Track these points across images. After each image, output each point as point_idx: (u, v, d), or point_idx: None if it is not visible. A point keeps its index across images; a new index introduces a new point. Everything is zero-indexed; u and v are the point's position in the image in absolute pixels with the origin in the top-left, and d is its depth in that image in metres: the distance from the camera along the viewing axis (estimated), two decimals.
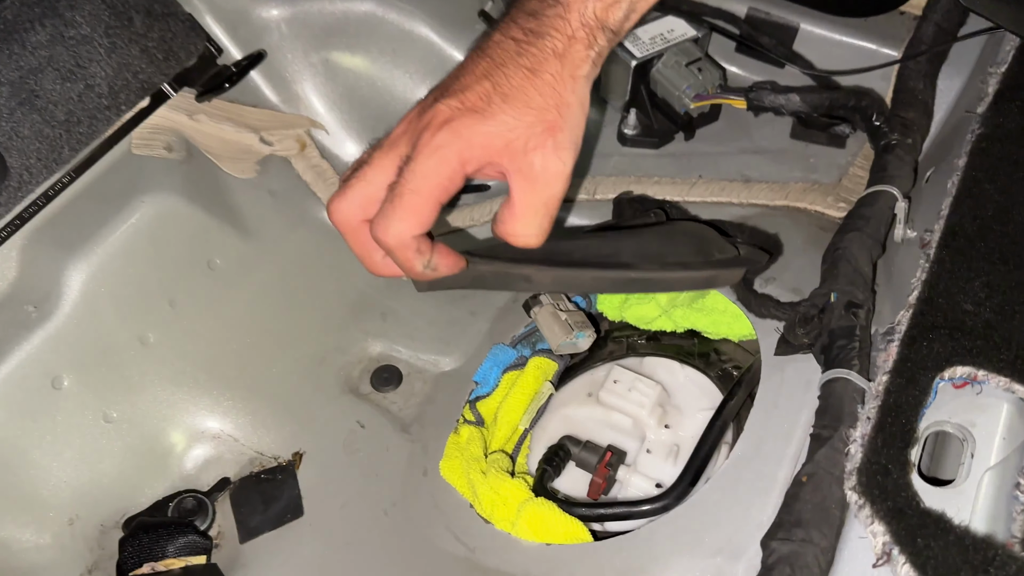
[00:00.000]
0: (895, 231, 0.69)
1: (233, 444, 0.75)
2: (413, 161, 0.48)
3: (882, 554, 0.50)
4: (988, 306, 0.57)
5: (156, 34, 0.75)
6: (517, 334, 0.80)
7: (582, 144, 0.50)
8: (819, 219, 0.78)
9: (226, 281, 0.77)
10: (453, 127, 0.47)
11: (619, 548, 0.59)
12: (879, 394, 0.55)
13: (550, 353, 0.78)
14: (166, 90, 0.77)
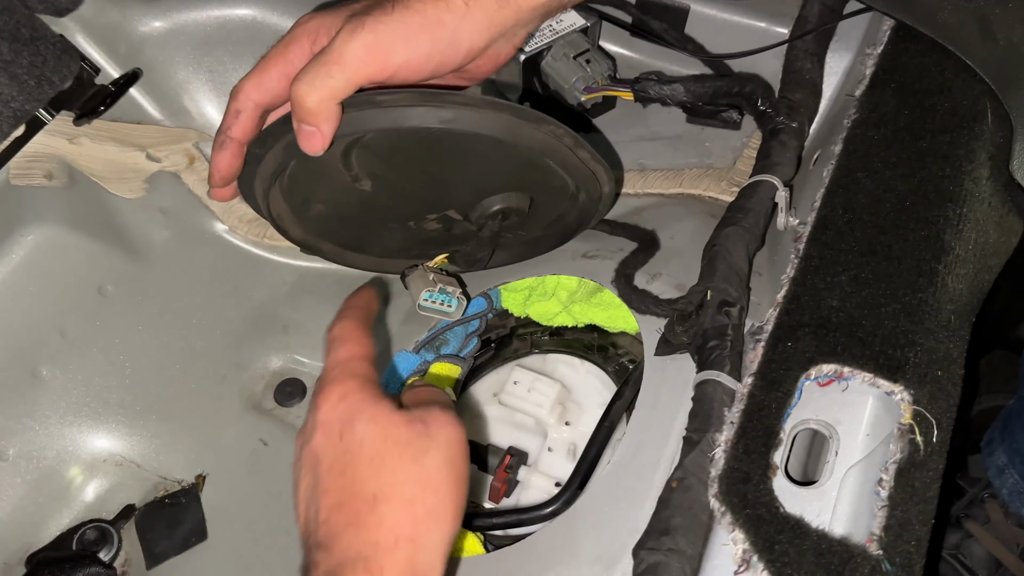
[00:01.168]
0: (777, 219, 0.69)
1: (136, 470, 0.75)
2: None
3: (742, 562, 0.50)
4: (854, 300, 0.58)
5: (25, 60, 0.72)
6: (420, 339, 0.80)
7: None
8: (712, 205, 0.78)
9: (119, 306, 0.76)
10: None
11: (505, 560, 0.60)
12: (743, 397, 0.56)
13: (454, 357, 0.78)
14: (42, 116, 0.75)
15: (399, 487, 0.48)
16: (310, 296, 0.83)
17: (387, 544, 0.46)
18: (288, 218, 0.70)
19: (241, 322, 0.80)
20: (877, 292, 0.58)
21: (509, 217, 0.71)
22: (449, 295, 0.73)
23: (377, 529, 0.47)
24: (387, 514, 0.47)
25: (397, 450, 0.49)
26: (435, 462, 0.50)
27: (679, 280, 0.69)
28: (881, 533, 0.50)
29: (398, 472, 0.48)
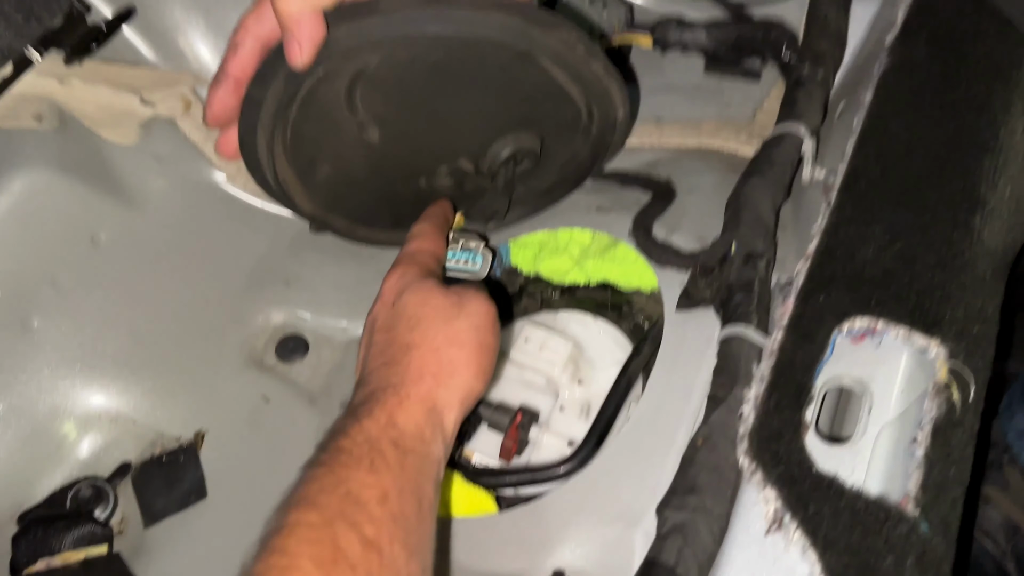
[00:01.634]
0: (803, 172, 0.67)
1: (132, 427, 0.72)
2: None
3: (774, 521, 0.48)
4: (888, 253, 0.55)
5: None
6: None
7: None
8: (732, 159, 0.75)
9: (113, 256, 0.73)
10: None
11: (520, 518, 0.58)
12: (773, 352, 0.53)
13: None
14: (30, 54, 0.71)
15: (429, 339, 0.55)
16: (312, 250, 0.80)
17: (414, 376, 0.54)
18: (295, 185, 0.66)
19: (241, 275, 0.77)
20: (912, 244, 0.55)
21: (522, 162, 0.68)
22: (472, 251, 0.69)
23: (407, 367, 0.54)
24: (416, 357, 0.55)
25: (432, 313, 0.57)
26: (463, 325, 0.56)
27: (700, 233, 0.66)
28: (918, 493, 0.48)
29: (430, 329, 0.56)
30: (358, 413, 0.52)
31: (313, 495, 0.46)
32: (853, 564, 0.46)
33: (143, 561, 0.67)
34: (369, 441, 0.49)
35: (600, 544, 0.54)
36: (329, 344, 0.77)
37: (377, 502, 0.46)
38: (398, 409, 0.52)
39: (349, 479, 0.47)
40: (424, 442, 0.51)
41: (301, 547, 0.43)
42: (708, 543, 0.49)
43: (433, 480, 0.51)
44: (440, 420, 0.53)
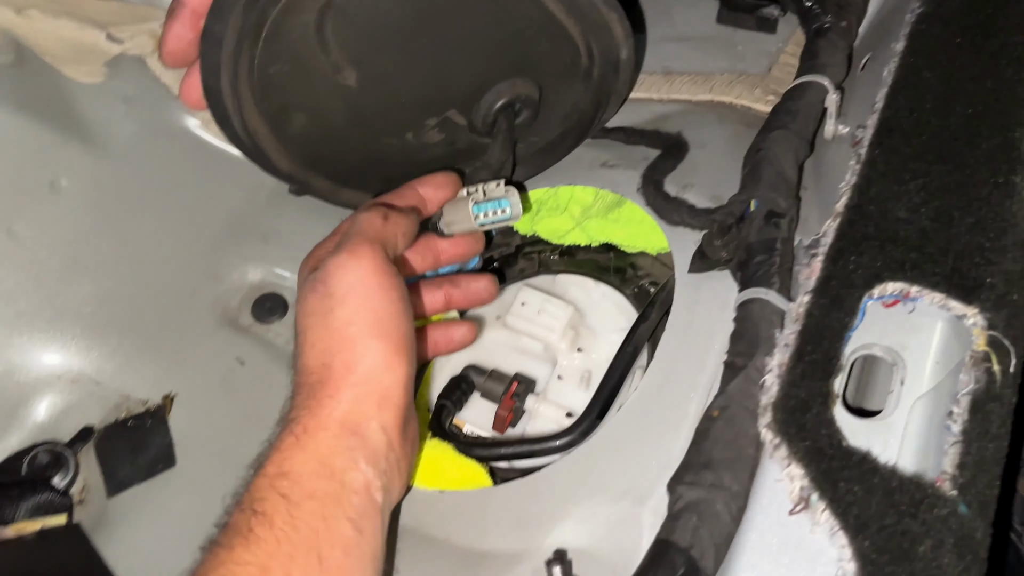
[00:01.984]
0: (825, 127, 0.62)
1: (95, 388, 0.67)
2: None
3: (799, 500, 0.44)
4: (924, 212, 0.51)
5: None
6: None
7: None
8: (746, 115, 0.70)
9: (75, 204, 0.67)
10: None
11: (517, 492, 0.54)
12: (799, 317, 0.49)
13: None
14: None
15: (310, 343, 0.49)
16: (293, 205, 0.74)
17: (312, 397, 0.48)
18: (268, 138, 0.60)
19: (214, 229, 0.72)
20: (949, 204, 0.51)
21: (519, 113, 0.63)
22: (498, 199, 0.60)
23: (300, 386, 0.49)
24: (306, 370, 0.49)
25: (308, 307, 0.50)
26: (341, 312, 0.49)
27: (714, 191, 0.61)
28: (956, 472, 0.44)
29: (310, 330, 0.49)
30: (257, 463, 0.47)
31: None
32: (887, 548, 0.41)
33: (106, 533, 0.62)
34: (252, 503, 0.44)
35: (604, 522, 0.50)
36: None
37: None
38: (293, 451, 0.46)
39: (221, 565, 0.41)
40: (332, 477, 0.45)
41: None
42: (726, 523, 0.45)
43: (352, 517, 0.45)
44: (359, 438, 0.47)
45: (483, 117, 0.63)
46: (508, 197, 0.60)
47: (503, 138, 0.63)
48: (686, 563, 0.44)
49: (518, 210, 0.60)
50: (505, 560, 0.50)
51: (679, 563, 0.44)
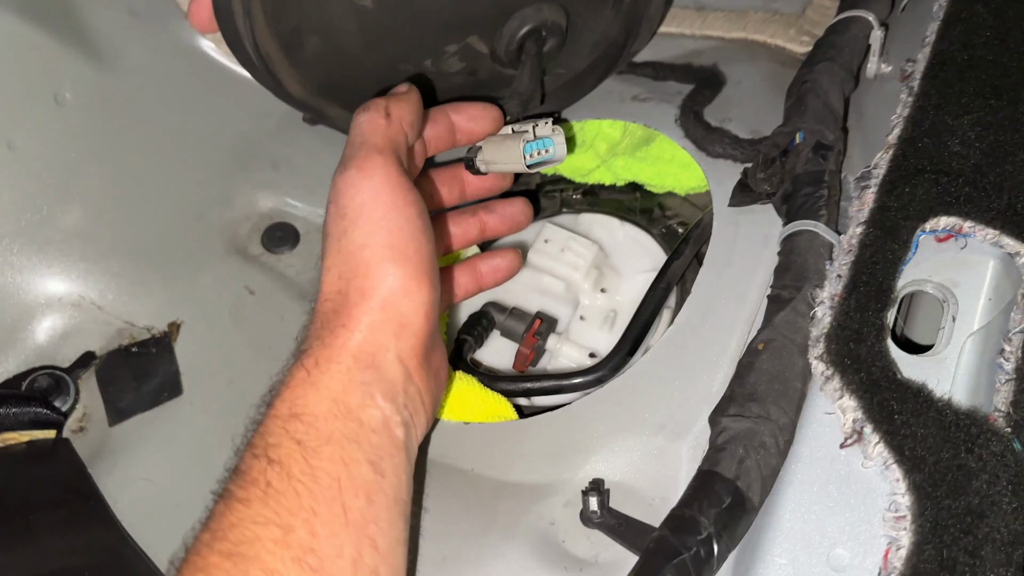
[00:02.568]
0: (867, 66, 0.60)
1: (97, 313, 0.64)
2: None
3: (852, 432, 0.43)
4: (978, 147, 0.49)
5: None
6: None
7: None
8: (780, 54, 0.68)
9: (79, 118, 0.63)
10: None
11: (547, 425, 0.52)
12: (852, 248, 0.47)
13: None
14: None
15: (332, 255, 0.45)
16: (304, 132, 0.71)
17: (327, 321, 0.44)
18: (281, 62, 0.57)
19: (223, 153, 0.68)
20: (1004, 140, 0.49)
21: (546, 41, 0.60)
22: (544, 138, 0.56)
23: (319, 307, 0.45)
24: (326, 289, 0.45)
25: (328, 244, 0.46)
26: (356, 242, 0.45)
27: (753, 127, 0.59)
28: (1009, 409, 0.43)
29: (331, 269, 0.45)
30: (268, 399, 0.43)
31: (194, 555, 0.38)
32: (943, 483, 0.40)
33: (107, 463, 0.59)
34: (266, 450, 0.40)
35: (640, 455, 0.48)
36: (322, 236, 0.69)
37: (275, 546, 0.37)
38: (305, 388, 0.42)
39: (239, 522, 0.38)
40: (348, 417, 0.42)
41: None
42: (773, 455, 0.43)
43: (372, 458, 0.42)
44: (375, 371, 0.43)
45: (506, 45, 0.60)
46: (554, 137, 0.56)
47: (532, 64, 0.60)
48: (732, 494, 0.42)
49: (563, 152, 0.57)
50: (535, 491, 0.49)
51: (725, 494, 0.42)
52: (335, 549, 0.39)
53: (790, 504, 0.42)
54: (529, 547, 0.46)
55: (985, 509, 0.40)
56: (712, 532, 0.41)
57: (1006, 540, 0.39)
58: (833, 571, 0.40)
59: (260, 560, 0.37)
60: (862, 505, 0.41)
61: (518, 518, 0.47)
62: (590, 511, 0.45)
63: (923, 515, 0.39)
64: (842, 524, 0.41)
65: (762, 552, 0.41)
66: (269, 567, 0.37)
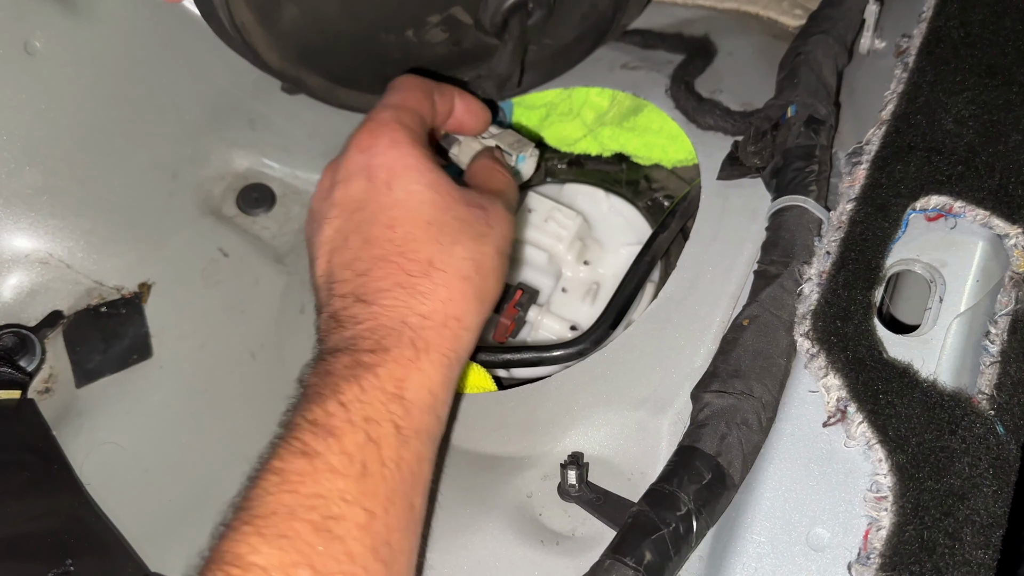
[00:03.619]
0: (861, 40, 0.59)
1: (65, 271, 0.62)
2: None
3: (835, 411, 0.42)
4: (972, 126, 0.48)
5: None
6: None
7: None
8: (772, 27, 0.66)
9: (49, 69, 0.61)
10: None
11: (526, 397, 0.51)
12: (842, 225, 0.46)
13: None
14: None
15: (458, 261, 0.44)
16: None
17: (437, 320, 0.42)
18: (257, 31, 0.55)
19: (198, 109, 0.66)
20: (997, 119, 0.49)
21: (533, 12, 0.58)
22: (521, 155, 0.58)
23: (429, 298, 0.42)
24: (442, 285, 0.43)
25: (457, 225, 0.45)
26: (491, 249, 0.46)
27: (743, 99, 0.58)
28: (993, 392, 0.42)
29: (457, 246, 0.44)
30: (355, 369, 0.40)
31: (277, 517, 0.36)
32: (925, 464, 0.40)
33: (73, 425, 0.58)
34: (366, 425, 0.38)
35: (620, 430, 0.48)
36: (299, 199, 0.68)
37: (359, 531, 0.36)
38: (411, 369, 0.40)
39: (329, 493, 0.36)
40: (434, 412, 0.41)
41: None
42: (755, 432, 0.43)
43: (432, 457, 0.41)
44: (460, 370, 0.44)
45: (491, 16, 0.58)
46: (528, 160, 0.58)
47: (514, 45, 0.58)
48: (713, 470, 0.41)
49: (529, 172, 0.59)
50: (513, 464, 0.48)
51: (706, 470, 0.41)
52: (402, 544, 0.38)
53: (771, 482, 0.42)
54: (506, 520, 0.45)
55: (966, 491, 0.39)
56: (692, 508, 0.40)
57: (986, 522, 0.39)
58: (812, 550, 0.40)
59: (344, 542, 0.36)
60: (843, 485, 0.41)
61: (495, 491, 0.47)
62: (568, 485, 0.44)
63: (905, 496, 0.39)
64: (823, 503, 0.41)
65: (741, 530, 0.41)
66: (351, 551, 0.36)
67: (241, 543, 0.35)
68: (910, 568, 0.37)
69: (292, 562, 0.34)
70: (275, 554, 0.34)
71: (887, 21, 0.60)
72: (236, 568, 0.34)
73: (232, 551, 0.35)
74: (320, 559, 0.35)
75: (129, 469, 0.56)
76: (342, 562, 0.35)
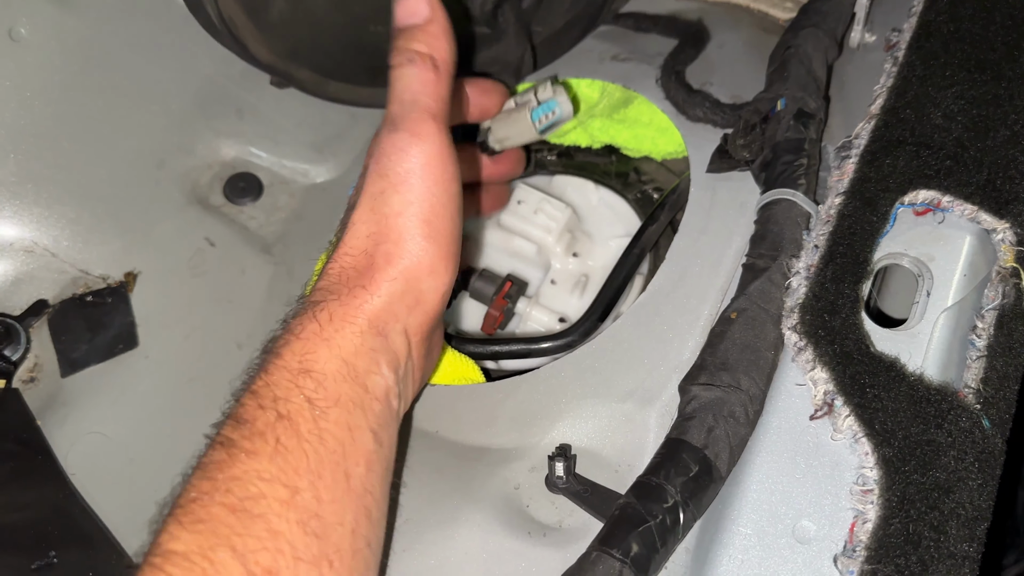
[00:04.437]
0: (851, 35, 0.59)
1: (50, 260, 0.61)
2: None
3: (822, 405, 0.42)
4: (961, 121, 0.49)
5: None
6: None
7: None
8: (763, 20, 0.66)
9: (35, 56, 0.60)
10: None
11: (514, 389, 0.51)
12: (830, 218, 0.46)
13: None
14: None
15: (358, 217, 0.43)
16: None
17: (341, 291, 0.42)
18: (245, 25, 0.54)
19: (185, 98, 0.66)
20: (986, 115, 0.49)
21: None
22: (547, 101, 0.55)
23: (331, 272, 0.43)
24: (345, 253, 0.43)
25: (362, 201, 0.44)
26: (394, 207, 0.43)
27: (733, 92, 0.58)
28: (979, 386, 0.43)
29: (361, 227, 0.43)
30: (263, 357, 0.41)
31: (195, 504, 0.35)
32: (912, 457, 0.40)
33: (59, 415, 0.57)
34: (275, 403, 0.38)
35: (607, 422, 0.48)
36: (287, 188, 0.67)
37: (281, 507, 0.36)
38: (317, 344, 0.40)
39: (244, 475, 0.36)
40: (356, 381, 0.40)
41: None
42: (742, 425, 0.43)
43: (373, 427, 0.40)
44: (383, 339, 0.42)
45: (481, 4, 0.58)
46: (557, 98, 0.55)
47: (514, 29, 0.58)
48: (700, 463, 0.41)
49: (569, 109, 0.55)
50: (500, 455, 0.48)
51: (693, 462, 0.41)
52: (337, 516, 0.37)
53: (757, 475, 0.42)
54: (493, 511, 0.45)
55: (952, 485, 0.40)
56: (679, 500, 0.40)
57: (971, 516, 0.39)
58: (798, 543, 0.40)
59: (265, 519, 0.35)
60: (829, 478, 0.41)
61: (482, 482, 0.46)
62: (556, 476, 0.44)
63: (891, 489, 0.39)
64: (809, 496, 0.41)
65: (727, 522, 0.41)
66: (274, 528, 0.35)
67: (163, 533, 0.35)
68: (895, 561, 0.38)
69: (210, 545, 0.34)
70: (192, 539, 0.34)
71: (877, 15, 0.60)
72: (157, 558, 0.34)
73: (155, 543, 0.35)
74: (240, 539, 0.35)
75: (114, 459, 0.56)
76: (263, 539, 0.35)
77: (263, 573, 0.34)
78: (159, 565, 0.34)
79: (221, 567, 0.34)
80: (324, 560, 0.36)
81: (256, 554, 0.34)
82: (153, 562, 0.34)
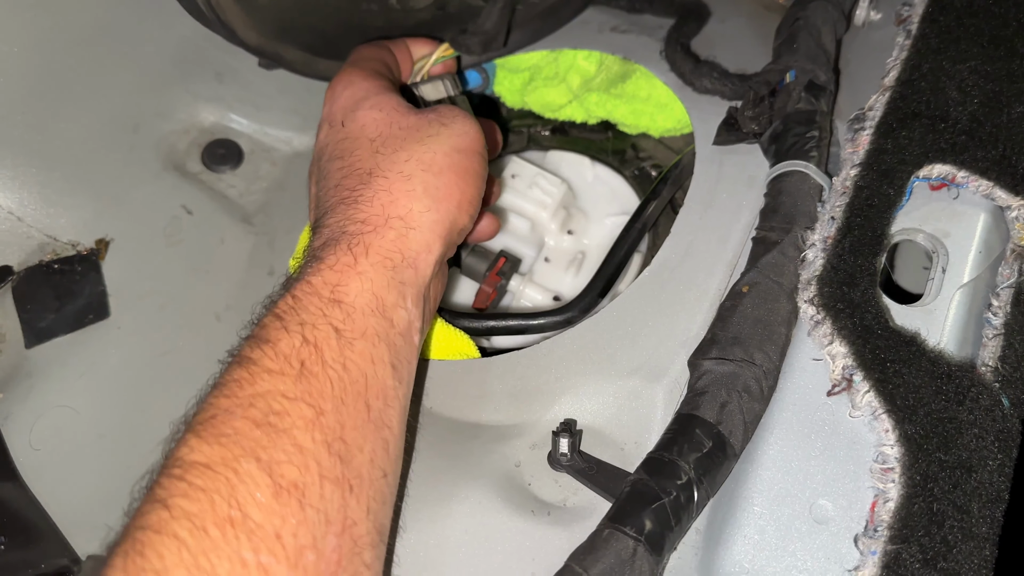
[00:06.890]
0: (857, 12, 0.58)
1: (16, 224, 0.57)
2: None
3: (841, 380, 0.41)
4: (976, 96, 0.47)
5: None
6: None
7: None
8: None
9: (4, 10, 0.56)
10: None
11: (513, 365, 0.48)
12: (847, 190, 0.45)
13: None
14: None
15: (399, 164, 0.43)
16: None
17: (377, 223, 0.41)
18: (232, 8, 0.52)
19: (162, 59, 0.62)
20: (1001, 90, 0.48)
21: None
22: (436, 79, 0.56)
23: (369, 204, 0.42)
24: (382, 190, 0.42)
25: (402, 134, 0.45)
26: (443, 147, 0.44)
27: (739, 66, 0.56)
28: (997, 364, 0.41)
29: (400, 151, 0.44)
30: (289, 284, 0.40)
31: (215, 420, 0.34)
32: (933, 435, 0.38)
33: (22, 387, 0.53)
34: (302, 328, 0.37)
35: (613, 398, 0.45)
36: (268, 156, 0.64)
37: (306, 424, 0.35)
38: (348, 274, 0.39)
39: (268, 392, 0.35)
40: (383, 315, 0.40)
41: (178, 512, 0.31)
42: (756, 400, 0.41)
43: (394, 362, 0.39)
44: (412, 273, 0.42)
45: None
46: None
47: (504, 3, 0.56)
48: (714, 438, 0.40)
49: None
50: (499, 432, 0.46)
51: (706, 438, 0.40)
52: (358, 443, 0.37)
53: (772, 452, 0.40)
54: (493, 488, 0.43)
55: (974, 464, 0.38)
56: (693, 477, 0.38)
57: (991, 496, 0.38)
58: (816, 523, 0.38)
59: (291, 435, 0.34)
60: (847, 456, 0.39)
61: (481, 459, 0.44)
62: (560, 453, 0.42)
63: (914, 467, 0.37)
64: (826, 475, 0.39)
65: (741, 501, 0.39)
66: (300, 443, 0.34)
67: (181, 446, 0.33)
68: (920, 540, 0.36)
69: (234, 455, 0.33)
70: (215, 451, 0.33)
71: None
72: (176, 468, 0.32)
73: (173, 456, 0.33)
74: (265, 451, 0.33)
75: (83, 434, 0.52)
76: (290, 453, 0.34)
77: (289, 486, 0.33)
78: (179, 475, 0.32)
79: (247, 477, 0.32)
80: (346, 483, 0.35)
81: (282, 466, 0.33)
82: (173, 473, 0.32)
